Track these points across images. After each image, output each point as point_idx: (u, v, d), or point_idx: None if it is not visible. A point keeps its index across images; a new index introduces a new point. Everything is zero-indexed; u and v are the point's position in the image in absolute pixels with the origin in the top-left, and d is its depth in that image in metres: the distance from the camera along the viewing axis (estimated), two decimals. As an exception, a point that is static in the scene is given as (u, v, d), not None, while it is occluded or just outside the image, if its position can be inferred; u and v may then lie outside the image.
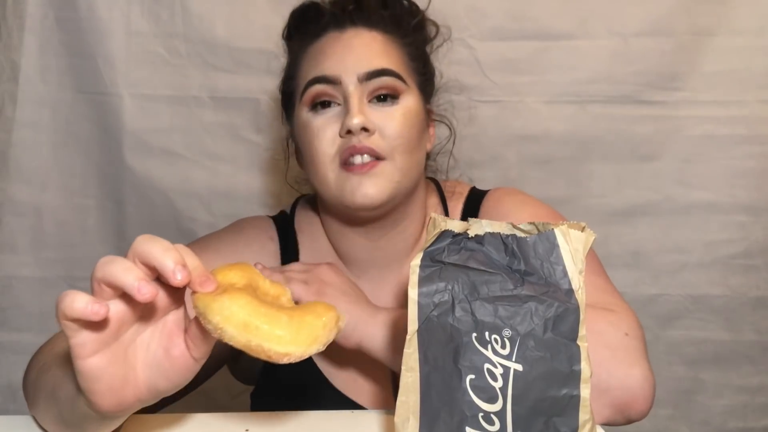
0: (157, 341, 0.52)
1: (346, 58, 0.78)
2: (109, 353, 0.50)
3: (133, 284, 0.46)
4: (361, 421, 0.67)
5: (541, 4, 1.24)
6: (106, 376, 0.49)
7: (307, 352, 0.48)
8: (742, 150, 1.28)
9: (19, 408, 1.36)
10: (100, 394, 0.50)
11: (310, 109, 0.79)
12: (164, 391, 0.53)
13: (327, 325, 0.50)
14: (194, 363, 0.52)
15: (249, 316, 0.47)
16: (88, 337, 0.48)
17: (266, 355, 0.47)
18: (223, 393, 1.27)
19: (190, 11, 1.25)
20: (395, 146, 0.76)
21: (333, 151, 0.77)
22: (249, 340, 0.47)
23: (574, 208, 1.30)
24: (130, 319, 0.51)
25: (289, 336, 0.48)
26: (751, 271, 1.32)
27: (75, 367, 0.49)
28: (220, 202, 1.32)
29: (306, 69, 0.81)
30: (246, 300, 0.48)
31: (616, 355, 0.62)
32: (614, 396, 0.61)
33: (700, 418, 1.38)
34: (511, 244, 0.51)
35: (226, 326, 0.47)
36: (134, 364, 0.52)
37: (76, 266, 1.34)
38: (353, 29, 0.80)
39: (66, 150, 1.31)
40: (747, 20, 1.23)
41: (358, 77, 0.76)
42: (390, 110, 0.77)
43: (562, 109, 1.28)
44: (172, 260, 0.47)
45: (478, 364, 0.49)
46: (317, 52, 0.80)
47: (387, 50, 0.80)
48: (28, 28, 1.26)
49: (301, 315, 0.50)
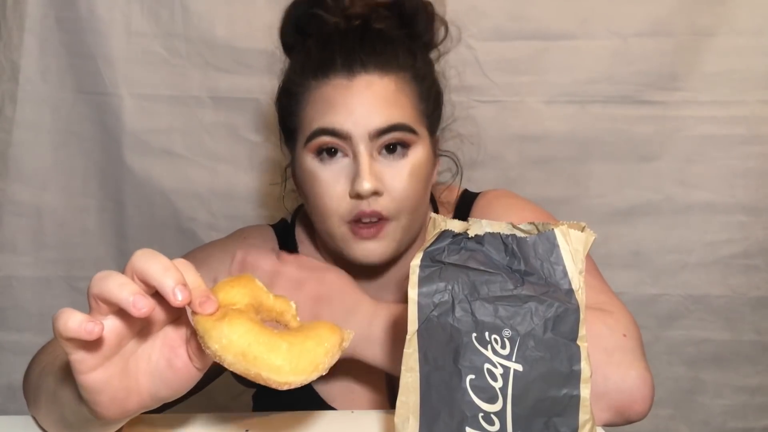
0: (159, 352, 0.52)
1: (356, 113, 0.73)
2: (111, 367, 0.49)
3: (128, 300, 0.46)
4: (361, 421, 0.67)
5: (541, 4, 1.24)
6: (108, 389, 0.49)
7: (307, 379, 0.48)
8: (742, 150, 1.28)
9: (19, 408, 1.36)
10: (103, 405, 0.50)
11: (316, 156, 0.76)
12: (167, 398, 0.53)
13: (329, 351, 0.49)
14: (197, 372, 0.52)
15: (248, 345, 0.47)
16: (87, 354, 0.48)
17: (264, 382, 0.47)
18: (223, 393, 1.27)
19: (190, 11, 1.25)
20: (402, 207, 0.75)
21: (341, 211, 0.75)
22: (248, 369, 0.47)
23: (574, 208, 1.30)
24: (129, 333, 0.50)
25: (289, 366, 0.47)
26: (751, 271, 1.32)
27: (77, 381, 0.49)
28: (220, 202, 1.32)
29: (311, 114, 0.76)
30: (245, 328, 0.47)
31: (613, 358, 0.62)
32: (612, 399, 0.61)
33: (700, 418, 1.38)
34: (511, 244, 0.51)
35: (224, 354, 0.47)
36: (136, 374, 0.51)
37: (76, 266, 1.34)
38: (364, 76, 0.74)
39: (66, 150, 1.31)
40: (747, 20, 1.23)
41: (369, 134, 0.73)
42: (399, 165, 0.75)
43: (562, 109, 1.28)
44: (172, 280, 0.47)
45: (478, 364, 0.49)
46: (325, 100, 0.75)
47: (398, 98, 0.75)
48: (28, 28, 1.26)
49: (303, 341, 0.49)
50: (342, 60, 0.75)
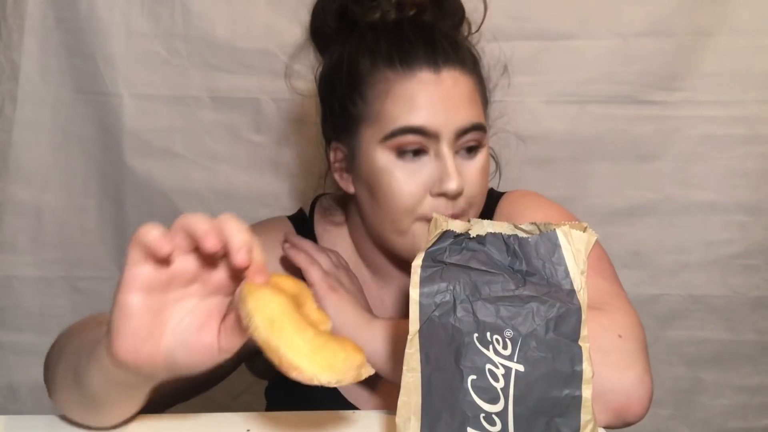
0: (193, 316, 0.53)
1: (445, 110, 0.72)
2: (150, 300, 0.50)
3: (204, 231, 0.48)
4: (361, 421, 0.67)
5: (541, 4, 1.24)
6: (136, 318, 0.50)
7: (317, 375, 0.47)
8: (742, 150, 1.28)
9: (19, 408, 1.37)
10: (123, 336, 0.50)
11: (397, 155, 0.74)
12: (179, 365, 0.53)
13: (347, 361, 0.49)
14: (217, 352, 0.52)
15: (279, 314, 0.48)
16: (142, 272, 0.49)
17: (278, 360, 0.47)
18: (224, 393, 1.27)
19: (190, 11, 1.25)
20: (472, 203, 0.76)
21: (419, 210, 0.74)
22: (269, 338, 0.47)
23: (574, 208, 1.28)
24: (184, 279, 0.52)
25: (307, 350, 0.47)
26: (751, 271, 1.32)
27: (114, 300, 0.50)
28: (220, 202, 1.32)
29: (394, 107, 0.73)
30: (284, 300, 0.49)
31: (609, 359, 0.61)
32: (609, 400, 0.60)
33: (700, 418, 1.38)
34: (512, 245, 0.51)
35: (256, 315, 0.47)
36: (165, 325, 0.52)
37: (76, 266, 1.34)
38: (448, 71, 0.73)
39: (66, 150, 1.31)
40: (747, 20, 1.23)
41: (455, 132, 0.73)
42: (473, 164, 0.76)
43: (562, 109, 1.28)
44: (242, 240, 0.49)
45: (479, 364, 0.49)
46: (410, 95, 0.72)
47: (476, 97, 0.77)
48: (28, 28, 1.26)
49: (328, 340, 0.49)
50: (425, 52, 0.73)
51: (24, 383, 1.34)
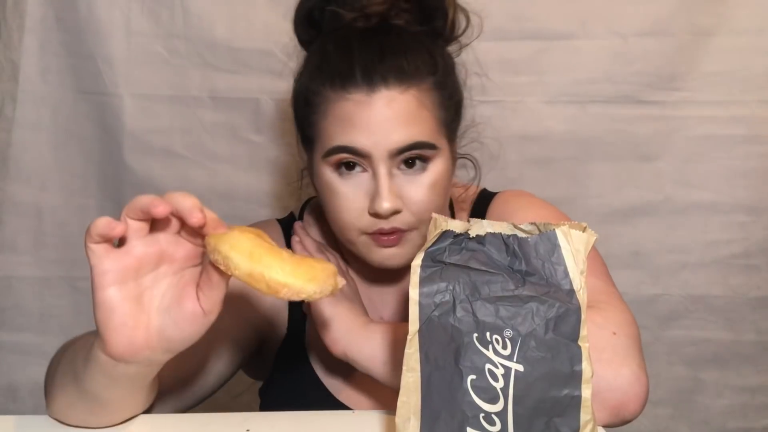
0: (172, 291, 0.54)
1: (375, 132, 0.71)
2: (126, 289, 0.52)
3: (149, 201, 0.50)
4: (361, 421, 0.67)
5: (541, 4, 1.24)
6: (120, 310, 0.52)
7: (304, 288, 0.50)
8: (742, 150, 1.28)
9: (19, 408, 1.37)
10: (113, 330, 0.52)
11: (335, 170, 0.75)
12: (174, 340, 0.54)
13: (325, 271, 0.52)
14: (203, 316, 0.54)
15: (254, 246, 0.51)
16: (110, 266, 0.51)
17: (266, 284, 0.50)
18: (224, 393, 1.27)
19: (190, 11, 1.25)
20: (422, 219, 0.75)
21: (360, 225, 0.75)
22: (252, 268, 0.50)
23: (574, 208, 1.30)
24: (151, 261, 0.54)
25: (289, 267, 0.50)
26: (751, 271, 1.32)
27: (94, 301, 0.52)
28: (220, 202, 1.32)
29: (330, 129, 0.74)
30: (252, 236, 0.52)
31: (603, 356, 0.61)
32: (605, 398, 0.60)
33: (700, 418, 1.38)
34: (512, 245, 0.51)
35: (232, 254, 0.50)
36: (149, 309, 0.54)
37: (76, 266, 1.34)
38: (384, 92, 0.71)
39: (66, 150, 1.31)
40: (747, 20, 1.23)
41: (388, 153, 0.71)
42: (418, 179, 0.74)
43: (562, 109, 1.28)
44: (190, 203, 0.51)
45: (479, 364, 0.49)
46: (343, 116, 0.72)
47: (420, 113, 0.73)
48: (28, 28, 1.26)
49: (302, 257, 0.53)
50: (361, 72, 0.72)
51: (24, 383, 1.34)
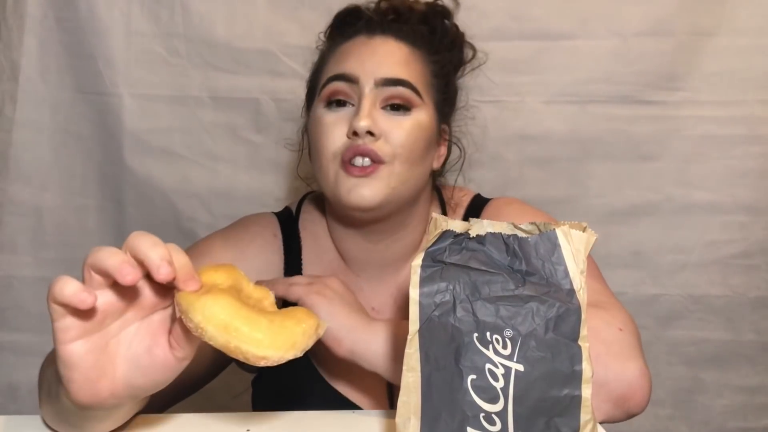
0: (140, 338, 0.53)
1: (367, 61, 0.80)
2: (91, 342, 0.50)
3: (117, 266, 0.48)
4: (361, 421, 0.67)
5: (541, 4, 1.24)
6: (83, 365, 0.50)
7: (284, 357, 0.49)
8: (742, 150, 1.28)
9: (19, 408, 1.37)
10: (76, 383, 0.50)
11: (326, 106, 0.81)
12: (142, 388, 0.53)
13: (306, 332, 0.50)
14: (176, 363, 0.53)
15: (230, 317, 0.48)
16: (72, 323, 0.49)
17: (244, 357, 0.48)
18: (223, 393, 1.27)
19: (190, 11, 1.25)
20: (398, 153, 0.78)
21: (337, 149, 0.78)
22: (228, 341, 0.48)
23: (574, 208, 1.30)
24: (116, 311, 0.52)
25: (268, 340, 0.48)
26: (751, 271, 1.32)
27: (56, 352, 0.50)
28: (220, 202, 1.32)
29: (329, 66, 0.83)
30: (228, 301, 0.49)
31: (612, 350, 0.63)
32: (612, 389, 0.61)
33: (700, 418, 1.38)
34: (512, 245, 0.52)
35: (206, 326, 0.48)
36: (114, 358, 0.52)
37: (76, 266, 1.30)
38: (382, 37, 0.83)
39: (66, 150, 1.31)
40: (747, 20, 1.23)
41: (375, 81, 0.78)
42: (400, 119, 0.79)
43: (562, 109, 1.28)
44: (158, 255, 0.48)
45: (479, 364, 0.49)
46: (343, 52, 0.83)
47: (409, 62, 0.82)
48: (28, 28, 1.26)
49: (282, 320, 0.50)
50: (366, 23, 0.84)
51: (24, 383, 1.34)
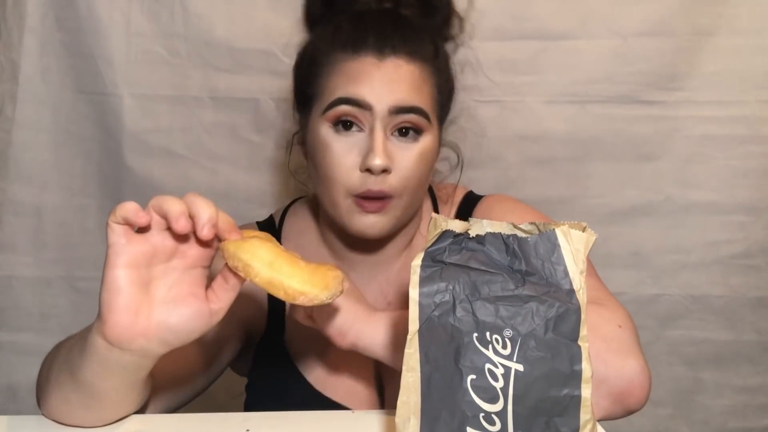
0: (180, 286, 0.56)
1: (380, 87, 0.76)
2: (136, 274, 0.54)
3: (176, 214, 0.53)
4: (361, 421, 0.67)
5: (541, 4, 1.24)
6: (125, 292, 0.53)
7: (318, 294, 0.54)
8: (742, 150, 1.28)
9: (19, 408, 1.37)
10: (115, 311, 0.53)
11: (332, 126, 0.78)
12: (173, 331, 0.55)
13: (337, 278, 0.57)
14: (209, 315, 0.55)
15: (275, 256, 0.54)
16: (125, 249, 0.53)
17: (284, 291, 0.54)
18: (223, 393, 1.27)
19: (190, 11, 1.25)
20: (406, 186, 0.78)
21: (349, 183, 0.77)
22: (272, 276, 0.53)
23: (574, 208, 1.30)
24: (164, 253, 0.55)
25: (307, 277, 0.55)
26: (751, 271, 1.32)
27: (103, 279, 0.53)
28: (220, 202, 1.29)
29: (335, 84, 0.78)
30: (271, 245, 0.56)
31: (611, 346, 0.63)
32: (612, 385, 0.61)
33: (700, 418, 1.38)
34: (512, 245, 0.51)
35: (254, 262, 0.53)
36: (153, 299, 0.55)
37: (76, 266, 1.34)
38: (394, 59, 0.78)
39: (66, 150, 1.31)
40: (747, 20, 1.23)
41: (389, 109, 0.76)
42: (409, 147, 0.78)
43: (562, 109, 1.28)
44: (207, 216, 0.53)
45: (479, 364, 0.49)
46: (351, 73, 0.77)
47: (421, 86, 0.79)
48: (28, 28, 1.26)
49: (316, 267, 0.57)
50: (374, 40, 0.78)
51: (24, 383, 1.34)
